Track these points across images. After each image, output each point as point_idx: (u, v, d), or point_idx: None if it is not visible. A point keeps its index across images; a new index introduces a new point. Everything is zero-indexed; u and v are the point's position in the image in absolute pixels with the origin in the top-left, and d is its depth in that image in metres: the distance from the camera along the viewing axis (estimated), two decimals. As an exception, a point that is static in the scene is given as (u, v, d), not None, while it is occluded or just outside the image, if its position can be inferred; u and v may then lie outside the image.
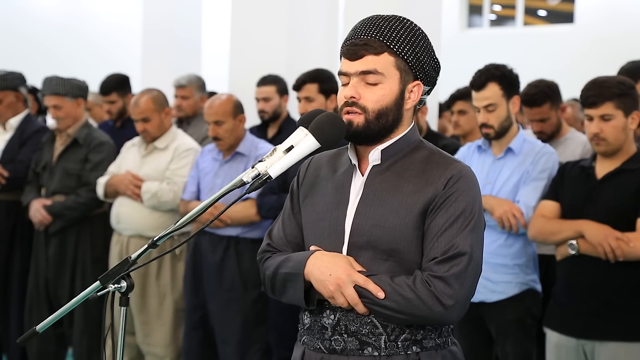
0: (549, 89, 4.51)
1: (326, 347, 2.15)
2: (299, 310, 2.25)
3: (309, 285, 2.12)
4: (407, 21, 2.16)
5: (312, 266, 2.10)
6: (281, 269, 2.17)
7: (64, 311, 2.21)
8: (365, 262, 2.11)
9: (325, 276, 2.07)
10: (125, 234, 4.74)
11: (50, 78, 5.02)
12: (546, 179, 3.70)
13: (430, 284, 2.02)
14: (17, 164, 5.18)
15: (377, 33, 2.11)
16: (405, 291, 2.03)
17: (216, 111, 4.50)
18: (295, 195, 2.31)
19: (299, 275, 2.12)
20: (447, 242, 2.05)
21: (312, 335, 2.19)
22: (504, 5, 15.39)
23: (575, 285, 3.42)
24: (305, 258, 2.12)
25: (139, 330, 4.74)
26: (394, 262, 2.10)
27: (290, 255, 2.19)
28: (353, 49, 2.12)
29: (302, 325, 2.24)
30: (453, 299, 2.02)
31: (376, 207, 2.11)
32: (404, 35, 2.12)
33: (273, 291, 2.23)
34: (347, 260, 2.10)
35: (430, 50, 2.16)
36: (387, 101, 2.12)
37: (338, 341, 2.13)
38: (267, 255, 2.26)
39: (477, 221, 2.09)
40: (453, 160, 2.15)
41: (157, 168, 4.75)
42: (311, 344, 2.19)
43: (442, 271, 2.03)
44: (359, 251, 2.12)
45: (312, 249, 2.17)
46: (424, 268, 2.06)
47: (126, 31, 12.78)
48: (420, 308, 2.02)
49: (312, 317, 2.19)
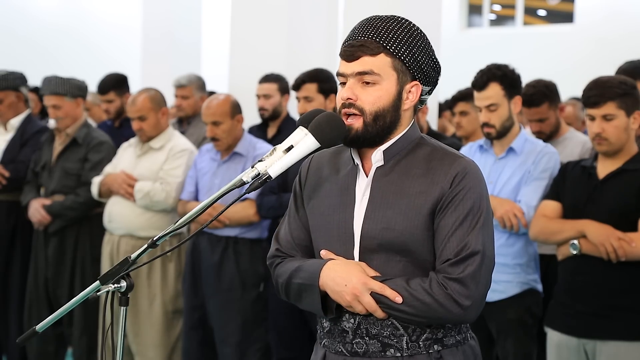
0: (547, 89, 4.51)
1: (348, 350, 2.16)
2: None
3: (325, 293, 2.13)
4: (405, 21, 2.15)
5: (326, 277, 2.10)
6: (294, 279, 2.17)
7: (64, 311, 2.20)
8: (378, 264, 2.11)
9: (341, 287, 2.08)
10: (117, 234, 4.73)
11: (49, 78, 5.01)
12: (547, 179, 3.70)
13: (446, 286, 2.03)
14: (18, 164, 5.18)
15: (374, 34, 2.11)
16: (422, 295, 2.04)
17: (214, 112, 4.49)
18: (299, 196, 2.30)
19: (313, 287, 2.12)
20: (458, 242, 2.05)
21: (333, 339, 2.19)
22: (503, 5, 15.39)
23: (576, 285, 3.42)
24: (319, 269, 2.12)
25: (129, 331, 4.73)
26: (407, 262, 2.10)
27: (302, 264, 2.18)
28: (350, 50, 2.12)
29: (321, 328, 2.24)
30: (470, 299, 2.04)
31: (384, 210, 2.11)
32: (400, 36, 2.11)
33: (288, 298, 2.24)
34: (360, 268, 2.10)
35: (428, 50, 2.15)
36: (384, 102, 2.11)
37: (360, 344, 2.14)
38: (278, 260, 2.25)
39: (485, 217, 2.09)
40: (457, 156, 2.14)
41: (151, 168, 4.74)
42: (332, 347, 2.19)
43: (457, 273, 2.04)
44: (371, 254, 2.13)
45: (323, 255, 2.17)
46: (438, 270, 2.07)
47: (126, 32, 12.79)
48: (439, 311, 2.04)
49: (331, 322, 2.19)
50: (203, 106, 4.63)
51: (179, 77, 6.18)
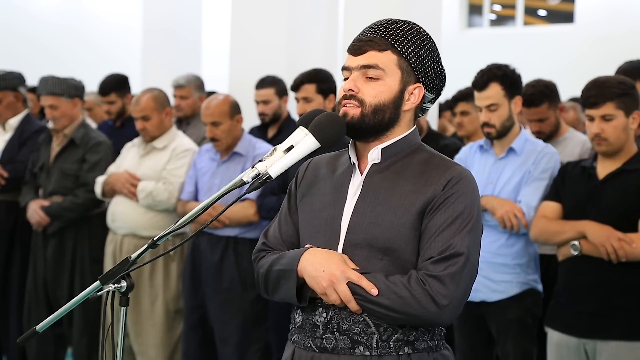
0: (546, 89, 4.50)
1: (317, 345, 2.14)
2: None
3: (302, 282, 2.11)
4: (416, 26, 2.17)
5: (305, 262, 2.09)
6: (274, 266, 2.16)
7: (64, 311, 2.20)
8: (360, 260, 2.10)
9: (318, 272, 2.06)
10: (120, 233, 4.73)
11: (46, 78, 5.00)
12: (548, 179, 3.70)
13: (425, 282, 2.01)
14: (16, 164, 5.17)
15: (383, 32, 2.13)
16: (400, 289, 2.01)
17: (213, 112, 4.49)
18: (292, 195, 2.31)
19: (292, 271, 2.10)
20: (444, 242, 2.04)
21: (304, 334, 2.18)
22: (504, 5, 15.39)
23: (577, 285, 3.42)
24: (299, 254, 2.11)
25: (131, 331, 4.74)
26: (389, 261, 2.08)
27: (284, 252, 2.18)
28: (358, 45, 2.15)
29: (293, 323, 2.23)
30: (447, 298, 2.01)
31: (374, 206, 2.11)
32: (409, 37, 2.13)
33: (266, 289, 2.21)
34: (341, 257, 2.09)
35: (435, 56, 2.17)
36: (385, 97, 2.11)
37: (329, 339, 2.12)
38: (262, 254, 2.25)
39: (474, 223, 2.08)
40: (453, 163, 2.15)
41: (154, 167, 4.74)
42: (302, 343, 2.18)
43: (438, 270, 2.01)
44: (354, 249, 2.11)
45: (307, 247, 2.16)
46: (419, 267, 2.05)
47: (126, 31, 12.79)
48: (414, 307, 2.00)
49: (304, 315, 2.18)
50: (202, 107, 4.62)
51: (178, 77, 6.17)
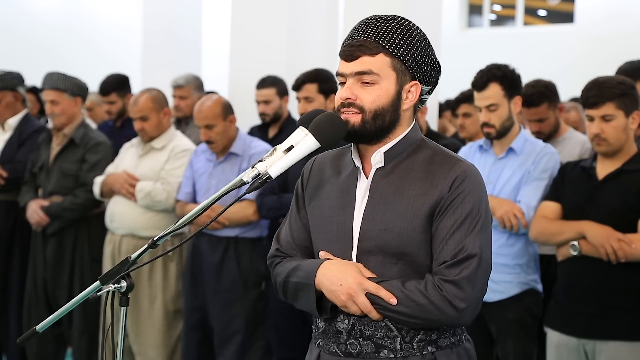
0: (546, 89, 4.50)
1: (342, 350, 2.16)
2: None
3: (320, 293, 2.13)
4: (405, 21, 2.15)
5: (322, 276, 2.11)
6: (292, 278, 2.18)
7: (65, 311, 2.21)
8: (375, 266, 2.11)
9: (336, 286, 2.08)
10: (118, 233, 4.73)
11: (51, 73, 5.00)
12: (547, 179, 3.70)
13: (442, 288, 2.03)
14: (16, 164, 5.17)
15: (373, 34, 2.11)
16: (417, 296, 2.04)
17: (205, 115, 4.47)
18: (300, 197, 2.31)
19: (309, 285, 2.12)
20: (456, 245, 2.05)
21: (328, 339, 2.19)
22: (504, 5, 15.39)
23: (576, 285, 3.42)
24: (315, 268, 2.13)
25: (130, 331, 4.73)
26: (404, 265, 2.10)
27: (300, 263, 2.19)
28: (349, 50, 2.13)
29: (316, 328, 2.24)
30: (465, 301, 2.04)
31: (383, 212, 2.11)
32: (400, 36, 2.11)
33: (285, 297, 2.24)
34: (357, 268, 2.10)
35: (428, 50, 2.15)
36: (383, 102, 2.11)
37: (354, 345, 2.14)
38: (277, 260, 2.26)
39: (484, 221, 2.09)
40: (457, 160, 2.14)
41: (153, 168, 4.74)
42: (327, 348, 2.20)
43: (453, 275, 2.04)
44: (368, 256, 2.13)
45: (322, 255, 2.17)
46: (434, 272, 2.07)
47: (126, 31, 12.79)
48: (433, 312, 2.04)
49: (326, 322, 2.19)
50: (194, 110, 4.59)
51: (177, 78, 6.17)
